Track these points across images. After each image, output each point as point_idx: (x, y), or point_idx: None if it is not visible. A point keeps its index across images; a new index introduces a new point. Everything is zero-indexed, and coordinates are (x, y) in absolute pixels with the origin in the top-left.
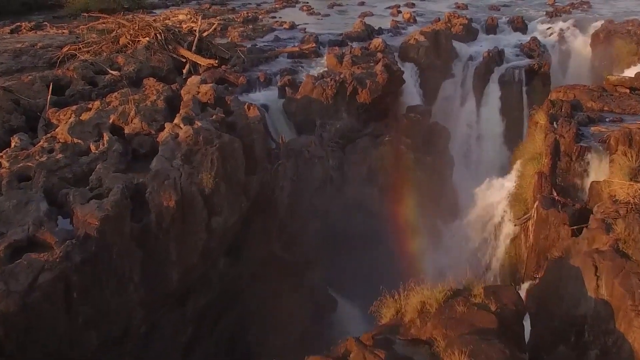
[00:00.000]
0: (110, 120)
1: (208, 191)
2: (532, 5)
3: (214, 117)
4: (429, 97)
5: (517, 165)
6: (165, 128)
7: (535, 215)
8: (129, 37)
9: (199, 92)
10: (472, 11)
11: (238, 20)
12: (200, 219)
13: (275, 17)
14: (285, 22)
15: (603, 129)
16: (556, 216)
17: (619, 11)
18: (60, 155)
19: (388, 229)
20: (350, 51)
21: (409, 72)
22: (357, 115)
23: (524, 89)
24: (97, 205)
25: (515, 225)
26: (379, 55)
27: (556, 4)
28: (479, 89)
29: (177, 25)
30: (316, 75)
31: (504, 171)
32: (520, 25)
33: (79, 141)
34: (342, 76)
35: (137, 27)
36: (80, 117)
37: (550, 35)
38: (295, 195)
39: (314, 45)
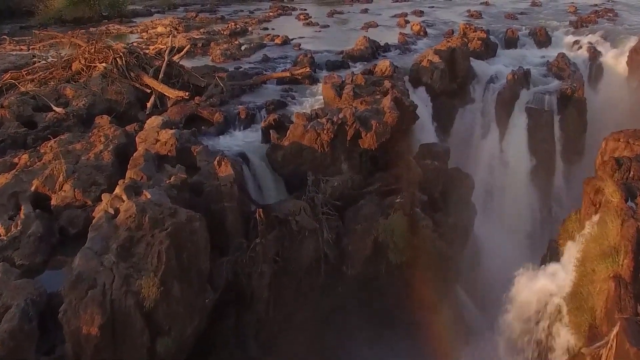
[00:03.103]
0: (33, 187)
1: (151, 304)
2: (552, 13)
3: (172, 179)
4: (444, 128)
5: (572, 251)
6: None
7: (615, 345)
8: (83, 62)
9: (157, 140)
10: (487, 20)
11: (224, 32)
12: (138, 345)
13: (267, 29)
14: (278, 36)
15: None
16: None
17: None
18: None
19: (401, 315)
20: (352, 79)
21: (422, 100)
22: (360, 166)
23: (556, 118)
24: None
25: (583, 352)
26: (387, 83)
27: (578, 11)
28: (503, 119)
29: (143, 47)
30: (309, 113)
31: (531, 217)
32: (543, 38)
33: None
34: (340, 116)
35: (93, 50)
36: None
37: (578, 50)
38: (279, 281)
39: (308, 69)
